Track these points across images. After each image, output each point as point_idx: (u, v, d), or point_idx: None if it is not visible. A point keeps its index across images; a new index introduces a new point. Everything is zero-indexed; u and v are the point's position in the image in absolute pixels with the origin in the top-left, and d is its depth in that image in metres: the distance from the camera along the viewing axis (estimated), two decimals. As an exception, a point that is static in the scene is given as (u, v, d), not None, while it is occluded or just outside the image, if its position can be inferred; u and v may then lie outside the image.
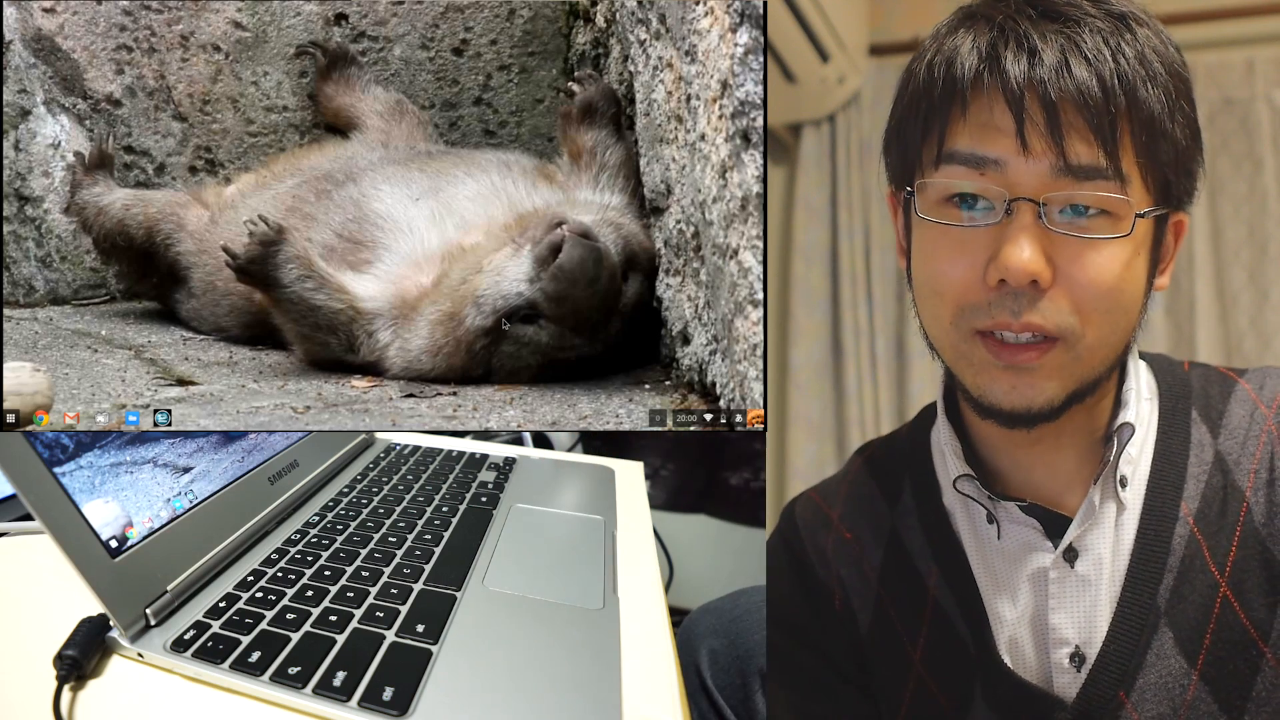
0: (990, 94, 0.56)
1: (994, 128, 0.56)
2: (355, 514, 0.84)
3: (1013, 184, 0.56)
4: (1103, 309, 0.57)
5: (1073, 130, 0.55)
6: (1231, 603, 0.59)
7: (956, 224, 0.58)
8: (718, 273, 0.84)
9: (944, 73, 0.58)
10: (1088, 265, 0.56)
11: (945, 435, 0.67)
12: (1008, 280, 0.56)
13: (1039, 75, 0.55)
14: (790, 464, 1.96)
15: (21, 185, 1.27)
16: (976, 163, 0.57)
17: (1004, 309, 0.57)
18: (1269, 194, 1.74)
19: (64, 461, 0.62)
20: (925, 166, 0.60)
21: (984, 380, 0.59)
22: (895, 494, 0.71)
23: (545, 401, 0.91)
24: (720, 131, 0.81)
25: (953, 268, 0.58)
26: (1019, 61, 0.55)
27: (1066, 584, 0.61)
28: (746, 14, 0.77)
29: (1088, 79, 0.55)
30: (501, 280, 0.94)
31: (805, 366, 1.97)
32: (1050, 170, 0.55)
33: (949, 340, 0.60)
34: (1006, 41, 0.56)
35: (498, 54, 1.36)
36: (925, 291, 0.61)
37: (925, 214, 0.60)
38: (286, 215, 1.08)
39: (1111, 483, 0.62)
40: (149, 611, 0.62)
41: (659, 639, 0.66)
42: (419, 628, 0.63)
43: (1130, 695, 0.59)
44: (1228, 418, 0.63)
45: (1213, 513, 0.60)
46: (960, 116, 0.58)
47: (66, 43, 1.27)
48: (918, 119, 0.60)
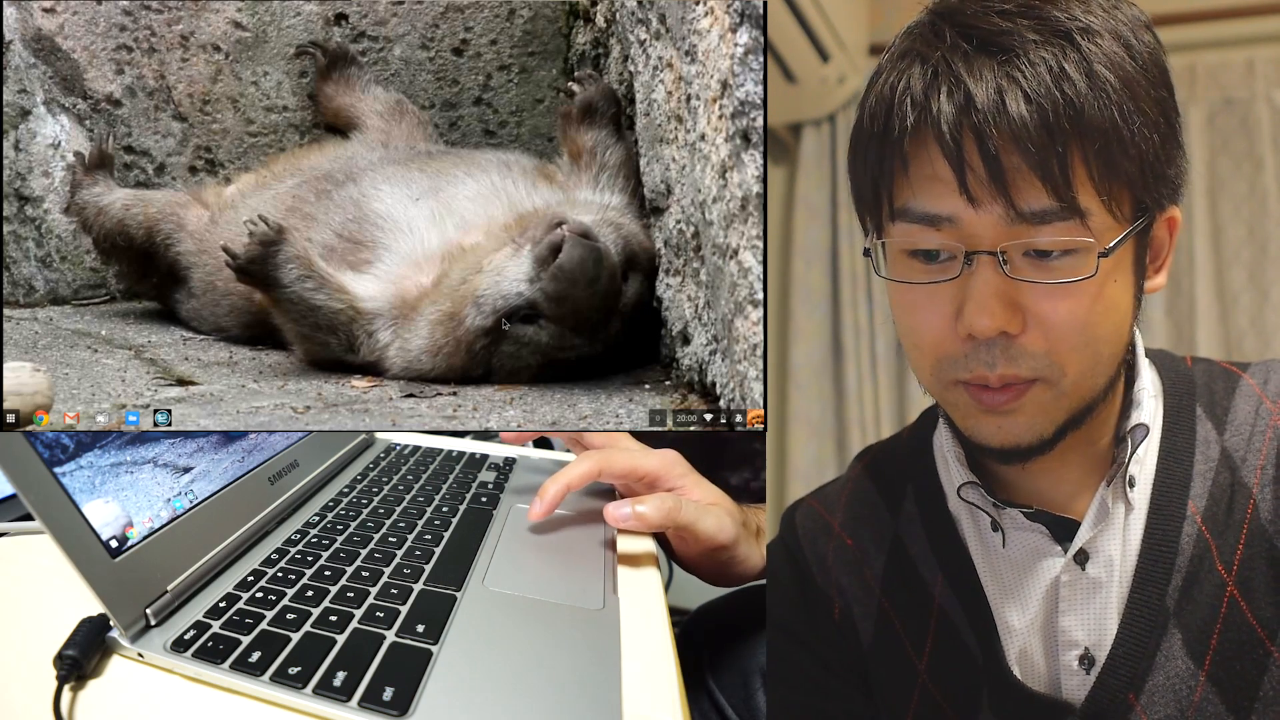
0: (929, 145, 0.53)
1: (938, 180, 0.54)
2: (355, 514, 0.84)
3: (968, 236, 0.54)
4: (1079, 345, 0.55)
5: (1018, 175, 0.51)
6: (1239, 602, 0.58)
7: (919, 281, 0.57)
8: (718, 273, 0.84)
9: (882, 124, 0.55)
10: (1059, 307, 0.54)
11: (948, 442, 0.66)
12: (975, 336, 0.55)
13: (974, 121, 0.51)
14: (790, 464, 1.96)
15: (21, 185, 1.27)
16: (930, 220, 0.54)
17: (979, 361, 0.55)
18: (1269, 194, 1.74)
19: (64, 461, 0.62)
20: (884, 222, 0.58)
21: (971, 423, 0.59)
22: (897, 500, 0.70)
23: (545, 401, 0.91)
24: (720, 131, 0.81)
25: (925, 322, 0.57)
26: (950, 104, 0.52)
27: (1078, 587, 0.61)
28: (746, 14, 0.77)
29: (1026, 115, 0.51)
30: (501, 280, 0.94)
31: (805, 366, 1.97)
32: (1003, 219, 0.52)
33: (934, 388, 0.60)
34: (940, 85, 0.53)
35: (498, 54, 1.36)
36: (906, 343, 0.60)
37: (890, 271, 0.58)
38: (286, 215, 1.08)
39: (1122, 485, 0.61)
40: (149, 611, 0.62)
41: (659, 639, 0.66)
42: (419, 628, 0.63)
43: (1140, 698, 0.59)
44: (1233, 413, 0.62)
45: (1220, 511, 0.60)
46: (903, 173, 0.55)
47: (66, 43, 1.27)
48: (866, 175, 0.58)
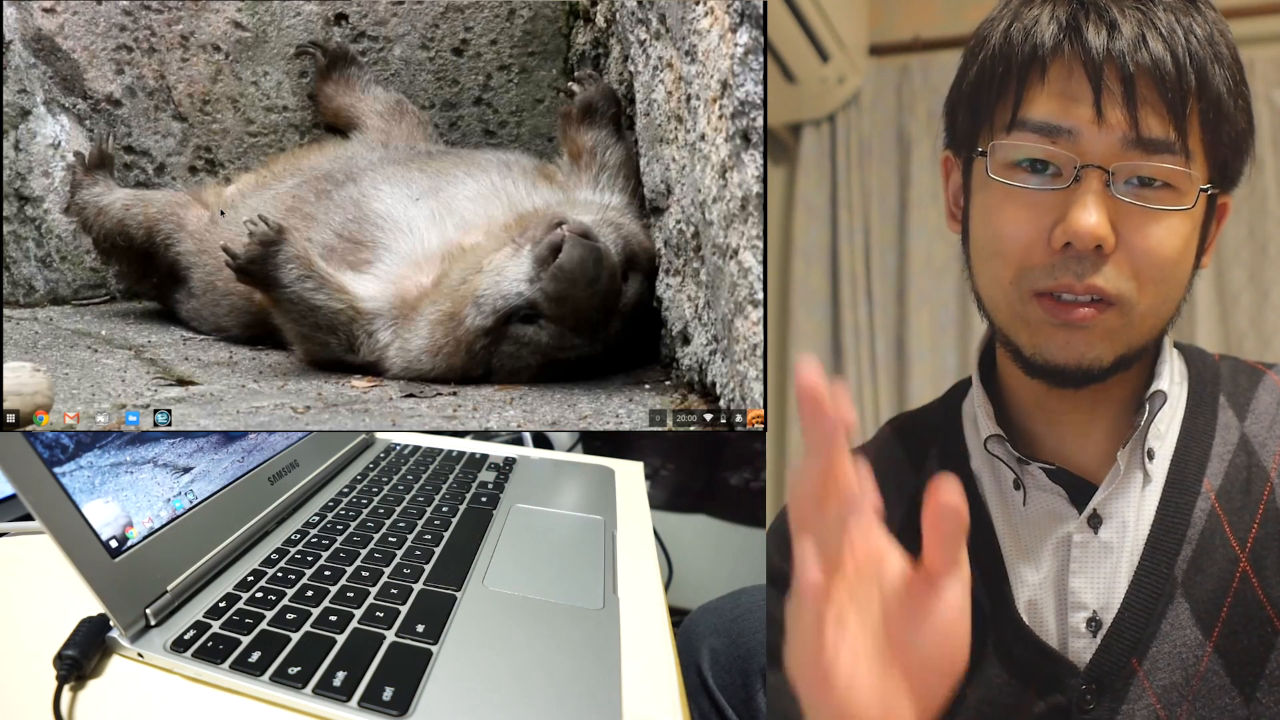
0: (1070, 63, 0.58)
1: (1070, 97, 0.58)
2: (355, 514, 0.84)
3: (1083, 151, 0.58)
4: (1159, 278, 0.59)
5: (1146, 104, 0.57)
6: (1251, 579, 0.59)
7: (1025, 186, 0.60)
8: (718, 273, 0.84)
9: (1023, 40, 0.59)
10: (1149, 235, 0.58)
11: (979, 398, 0.68)
12: (1074, 244, 0.58)
13: (1118, 48, 0.57)
14: (790, 464, 1.96)
15: (21, 185, 1.27)
16: (1050, 131, 0.59)
17: (1068, 271, 0.58)
18: (1269, 194, 1.74)
19: (64, 461, 0.62)
20: (997, 130, 0.61)
21: (1040, 338, 0.61)
22: (921, 461, 0.71)
23: (545, 401, 0.91)
24: (720, 131, 0.81)
25: (1018, 230, 0.60)
26: (1099, 34, 0.57)
27: (1089, 549, 0.62)
28: (746, 14, 0.77)
29: (1163, 55, 0.57)
30: (501, 280, 0.94)
31: (805, 366, 1.97)
32: (1121, 141, 0.57)
33: (1006, 300, 0.62)
34: (1087, 14, 0.58)
35: (498, 54, 1.36)
36: (986, 253, 0.63)
37: (995, 175, 0.61)
38: (286, 215, 1.08)
39: (1139, 452, 0.63)
40: (149, 611, 0.62)
41: (659, 639, 0.66)
42: (419, 628, 0.63)
43: (1143, 663, 0.60)
44: (1255, 404, 0.64)
45: (1236, 490, 0.61)
46: (1039, 83, 0.59)
47: (66, 43, 1.27)
48: (992, 84, 0.61)
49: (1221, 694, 0.59)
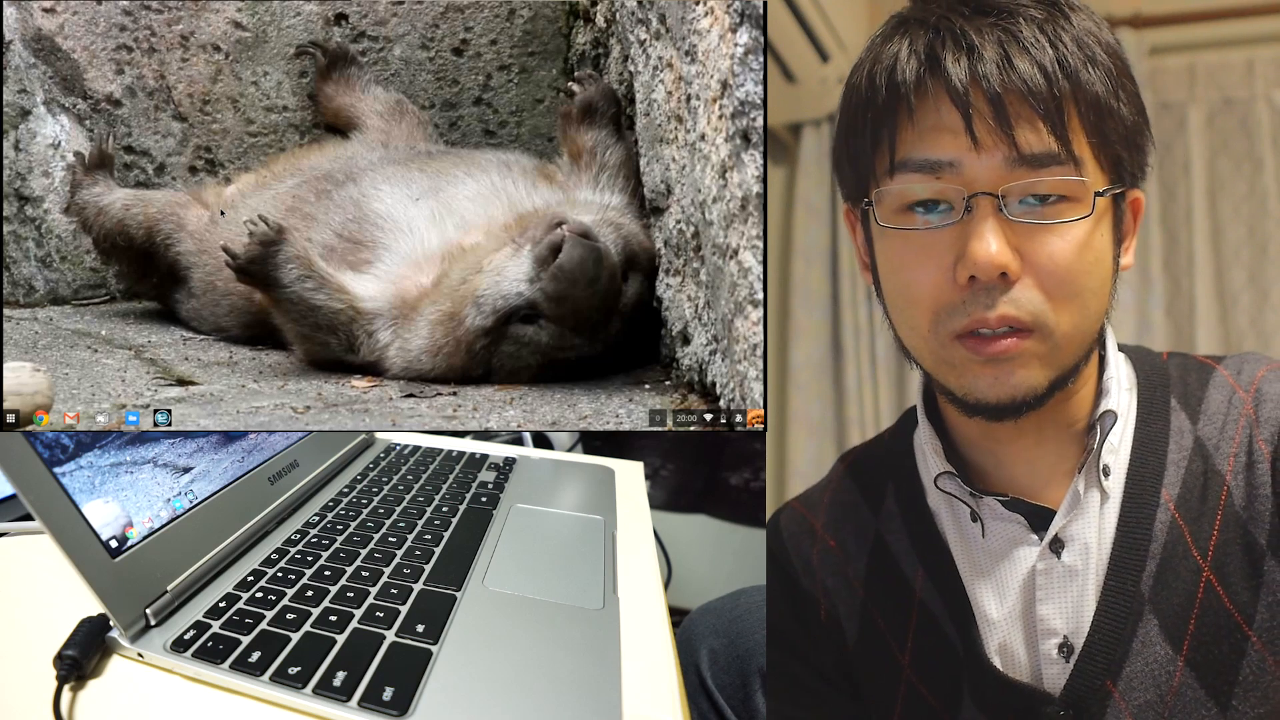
0: (935, 96, 0.57)
1: (943, 129, 0.57)
2: (355, 514, 0.84)
3: (969, 181, 0.57)
4: (1071, 293, 0.58)
5: (1021, 120, 0.56)
6: (1215, 587, 0.59)
7: (916, 228, 0.59)
8: (718, 273, 0.84)
9: (885, 80, 0.58)
10: (1053, 251, 0.57)
11: (926, 435, 0.67)
12: (978, 276, 0.56)
13: (981, 71, 0.56)
14: (790, 464, 1.96)
15: (21, 185, 1.27)
16: (931, 167, 0.58)
17: (978, 305, 0.57)
18: (1269, 194, 1.74)
19: (64, 461, 0.62)
20: (880, 177, 0.60)
21: (968, 379, 0.60)
22: (878, 499, 0.71)
23: (545, 401, 0.91)
24: (720, 131, 0.81)
25: (922, 273, 0.59)
26: (959, 61, 0.56)
27: (1053, 575, 0.62)
28: (746, 14, 0.77)
29: (1029, 69, 0.55)
30: (501, 280, 0.94)
31: (805, 366, 1.97)
32: (1004, 162, 0.56)
33: (928, 347, 0.61)
34: (944, 42, 0.57)
35: (498, 54, 1.36)
36: (899, 302, 0.61)
37: (886, 222, 0.60)
38: (286, 215, 1.08)
39: (1095, 472, 0.62)
40: (149, 611, 0.62)
41: (659, 639, 0.66)
42: (419, 628, 0.63)
43: (1118, 684, 0.59)
44: (1206, 403, 0.63)
45: (1194, 498, 0.61)
46: (908, 123, 0.58)
47: (66, 43, 1.27)
48: (865, 130, 0.60)
49: (1197, 707, 0.58)
